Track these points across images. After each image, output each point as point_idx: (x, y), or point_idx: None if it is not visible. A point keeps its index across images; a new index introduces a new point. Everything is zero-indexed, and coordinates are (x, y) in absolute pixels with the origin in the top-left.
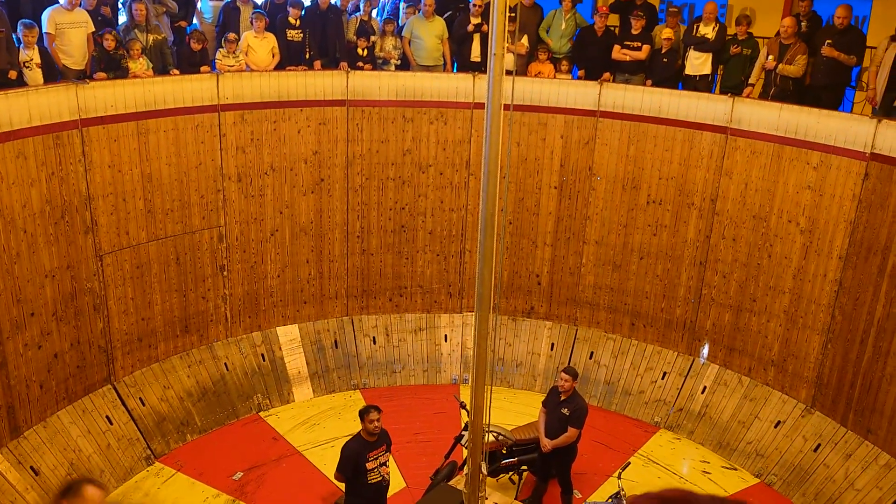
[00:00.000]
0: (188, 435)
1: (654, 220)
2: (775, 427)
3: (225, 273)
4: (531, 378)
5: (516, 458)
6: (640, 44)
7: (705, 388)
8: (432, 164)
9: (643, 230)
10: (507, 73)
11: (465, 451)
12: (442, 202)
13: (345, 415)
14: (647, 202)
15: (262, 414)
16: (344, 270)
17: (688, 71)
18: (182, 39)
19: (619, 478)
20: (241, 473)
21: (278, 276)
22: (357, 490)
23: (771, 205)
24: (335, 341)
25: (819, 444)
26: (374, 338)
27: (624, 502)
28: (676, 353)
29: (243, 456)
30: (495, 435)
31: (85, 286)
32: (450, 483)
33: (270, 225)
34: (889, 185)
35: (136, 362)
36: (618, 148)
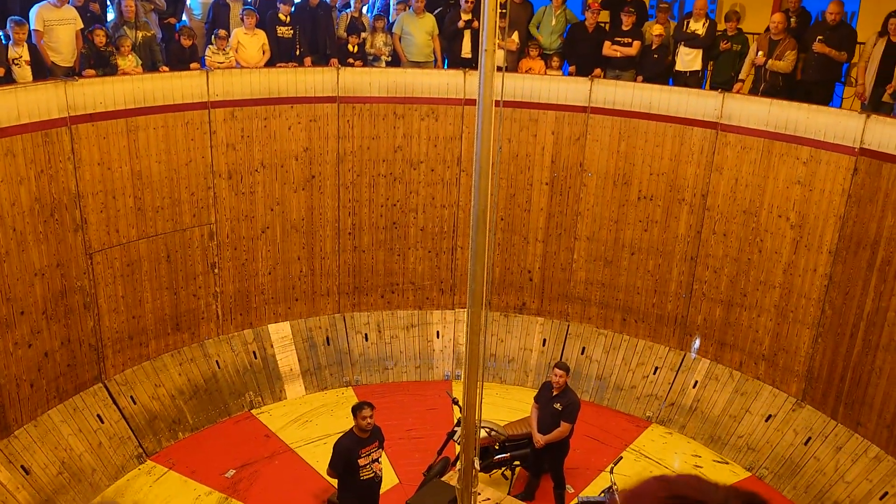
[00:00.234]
0: (180, 433)
1: (645, 215)
2: (766, 421)
3: (216, 270)
4: (523, 374)
5: (509, 454)
6: (630, 40)
7: (696, 382)
8: (423, 160)
9: (634, 226)
10: (498, 69)
11: (457, 447)
12: (433, 199)
13: (337, 412)
14: (638, 198)
15: (254, 411)
16: (335, 267)
17: (678, 67)
18: (171, 36)
19: (611, 472)
20: (234, 471)
21: (269, 273)
22: (349, 486)
23: (761, 200)
24: (327, 338)
25: (809, 438)
26: (366, 335)
27: (616, 496)
28: (668, 348)
29: (236, 454)
30: (488, 431)
31: (75, 284)
32: (442, 479)
33: (261, 222)
34: (878, 179)
35: (127, 360)
36: (608, 144)
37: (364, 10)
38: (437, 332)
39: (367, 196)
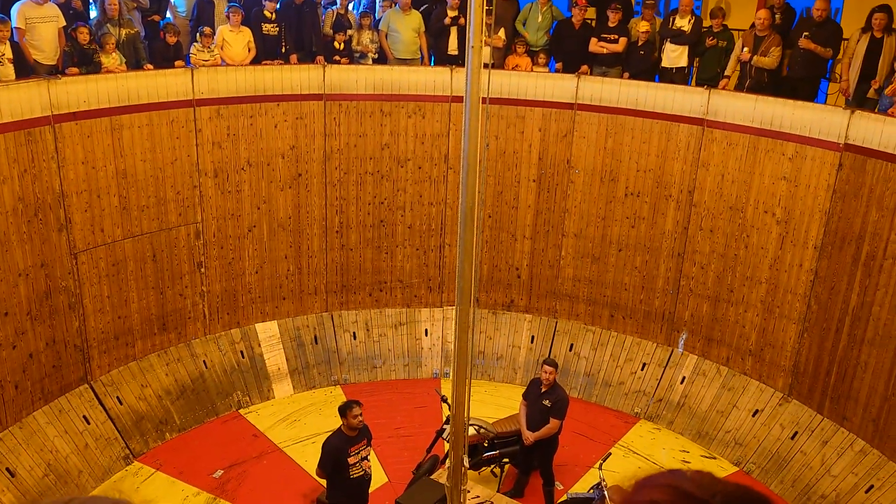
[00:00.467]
0: (167, 433)
1: (633, 212)
2: (753, 416)
3: (202, 270)
4: (512, 371)
5: (498, 451)
6: (616, 36)
7: (684, 378)
8: (411, 158)
9: (621, 222)
10: (485, 66)
11: (446, 445)
12: (421, 196)
13: (325, 411)
14: (626, 194)
15: (241, 411)
16: (323, 266)
17: (664, 63)
18: (154, 34)
19: (600, 469)
20: (222, 471)
21: (256, 272)
22: (339, 485)
23: (747, 196)
24: (315, 337)
25: (796, 432)
26: (354, 333)
27: (605, 493)
28: (655, 345)
29: (223, 454)
30: (477, 428)
31: (60, 284)
32: (432, 477)
33: (248, 221)
34: (862, 175)
35: (113, 361)
36: (595, 140)
37: (350, 6)
38: (426, 330)
39: (354, 194)
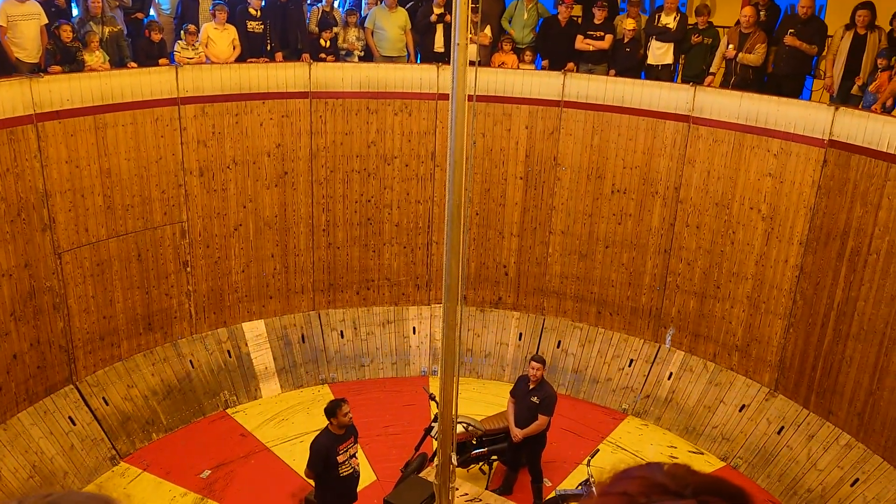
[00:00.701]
0: (154, 434)
1: (619, 209)
2: (740, 411)
3: (188, 269)
4: (500, 368)
5: (486, 449)
6: (602, 33)
7: (671, 374)
8: (397, 155)
9: (608, 219)
10: (471, 63)
11: (435, 443)
12: (408, 194)
13: (313, 410)
14: (612, 191)
15: (229, 411)
16: (310, 264)
17: (650, 60)
18: (138, 32)
19: (588, 465)
20: (209, 471)
21: (243, 271)
22: (328, 484)
23: (733, 192)
24: (302, 336)
25: (783, 427)
26: (341, 331)
27: (593, 490)
28: (643, 341)
29: (211, 454)
30: (465, 426)
31: (44, 285)
32: (420, 475)
33: (234, 219)
34: (847, 171)
35: (98, 361)
36: (582, 138)
37: (336, 4)
38: (413, 328)
39: (340, 192)
